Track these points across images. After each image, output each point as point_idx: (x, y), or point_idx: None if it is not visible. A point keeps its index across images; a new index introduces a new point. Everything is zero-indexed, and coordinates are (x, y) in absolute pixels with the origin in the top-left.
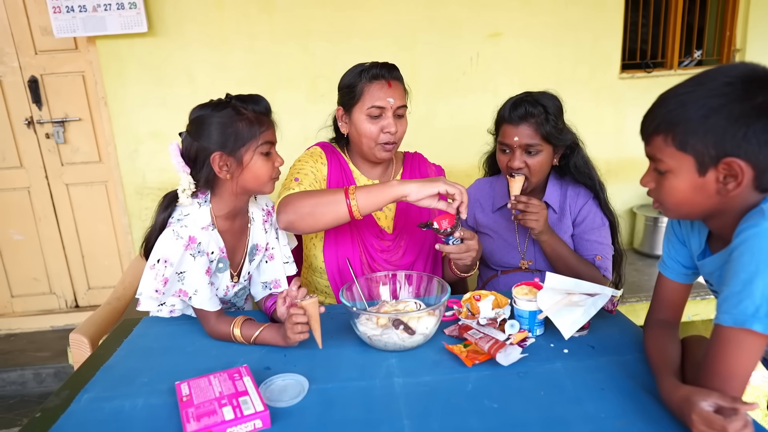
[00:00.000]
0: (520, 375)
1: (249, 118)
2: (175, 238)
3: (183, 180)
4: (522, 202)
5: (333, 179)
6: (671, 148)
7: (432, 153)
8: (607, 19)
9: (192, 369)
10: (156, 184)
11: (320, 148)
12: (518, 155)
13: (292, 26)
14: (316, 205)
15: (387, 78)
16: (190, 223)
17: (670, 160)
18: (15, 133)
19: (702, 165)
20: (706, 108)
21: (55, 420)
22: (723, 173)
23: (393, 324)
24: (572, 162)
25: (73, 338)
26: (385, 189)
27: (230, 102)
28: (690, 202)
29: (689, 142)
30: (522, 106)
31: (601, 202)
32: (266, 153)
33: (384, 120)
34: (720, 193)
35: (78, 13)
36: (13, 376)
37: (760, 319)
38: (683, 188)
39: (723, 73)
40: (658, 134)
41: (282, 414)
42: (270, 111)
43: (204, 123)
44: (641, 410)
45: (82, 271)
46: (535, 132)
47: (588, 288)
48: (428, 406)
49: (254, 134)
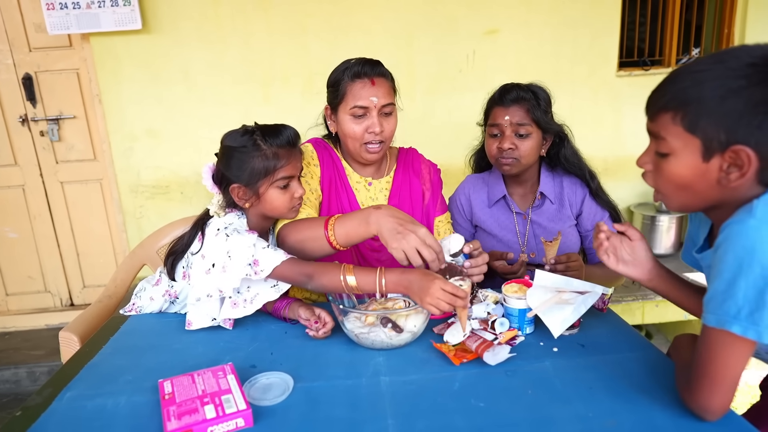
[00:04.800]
0: (509, 374)
1: (266, 154)
2: (225, 237)
3: (214, 199)
4: (562, 263)
5: (326, 178)
6: (679, 127)
7: (429, 151)
8: (605, 16)
9: (177, 367)
10: (151, 182)
11: (312, 145)
12: (508, 135)
13: (288, 23)
14: (303, 242)
15: (370, 75)
16: (232, 227)
17: (675, 141)
18: (9, 131)
19: (708, 150)
20: (725, 89)
21: (35, 418)
22: (728, 161)
23: (381, 322)
24: (562, 153)
25: (62, 336)
26: (362, 225)
27: (254, 133)
28: (689, 188)
29: (700, 124)
30: (513, 91)
31: (592, 191)
32: (284, 186)
33: (368, 120)
34: (720, 182)
35: (72, 10)
36: (7, 375)
37: (741, 321)
38: (683, 173)
39: (747, 52)
40: (667, 111)
41: (265, 413)
42: (293, 142)
43: (226, 154)
44: (630, 409)
45: (77, 270)
46: (526, 114)
47: (579, 286)
48: (414, 405)
49: (269, 170)
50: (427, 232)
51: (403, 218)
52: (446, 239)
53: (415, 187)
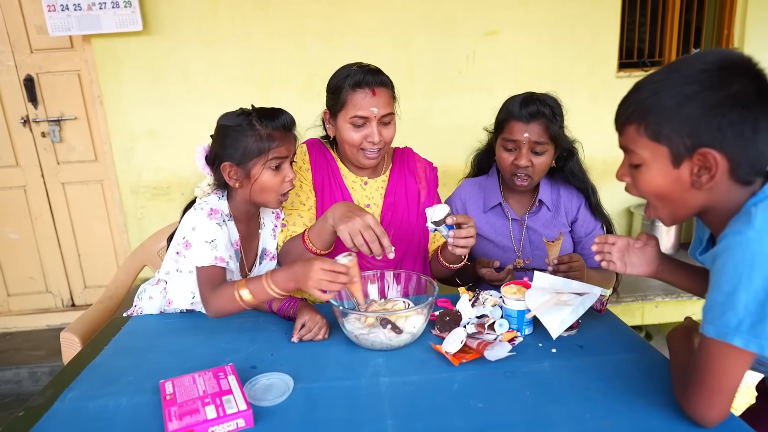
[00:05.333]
0: (507, 375)
1: (260, 135)
2: (194, 210)
3: (204, 181)
4: (564, 263)
5: (319, 178)
6: (644, 138)
7: (428, 152)
8: (605, 17)
9: (178, 367)
10: (152, 183)
11: (306, 146)
12: (525, 153)
13: (287, 24)
14: (292, 248)
15: (372, 85)
16: (211, 203)
17: (644, 152)
18: (11, 132)
19: (677, 156)
20: (680, 96)
21: (38, 419)
22: (697, 165)
23: (380, 323)
24: (568, 166)
25: (64, 337)
26: (322, 222)
27: (249, 114)
28: (667, 197)
29: (663, 132)
30: (533, 104)
31: (592, 206)
32: (276, 167)
33: (367, 129)
34: (695, 185)
35: (73, 12)
36: (9, 375)
37: (742, 333)
38: (657, 182)
39: (699, 59)
40: (631, 123)
41: (265, 413)
42: (289, 126)
43: (221, 132)
44: (627, 410)
45: (79, 270)
46: (544, 131)
47: (577, 287)
48: (413, 405)
49: (263, 150)
50: (373, 218)
51: (353, 207)
52: (431, 207)
53: (410, 186)
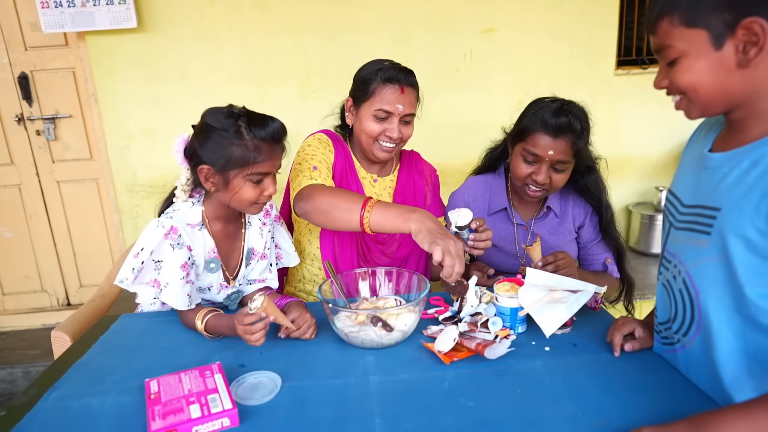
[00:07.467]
0: (499, 373)
1: (247, 145)
2: (155, 227)
3: (182, 175)
4: (550, 263)
5: (338, 169)
6: (679, 28)
7: (426, 150)
8: (603, 14)
9: (166, 366)
10: (147, 182)
11: (326, 135)
12: (545, 170)
13: (285, 22)
14: (333, 207)
15: (402, 83)
16: (177, 217)
17: (680, 43)
18: (5, 130)
19: (718, 36)
20: None
21: (20, 418)
22: (742, 40)
23: (371, 321)
24: (583, 181)
25: (55, 335)
26: (400, 218)
27: (239, 118)
28: (710, 85)
29: (699, 15)
30: (565, 116)
31: (603, 223)
32: (257, 181)
33: (389, 123)
34: (741, 64)
35: (66, 8)
36: (3, 374)
37: None
38: (699, 69)
39: None
40: (663, 18)
41: (252, 412)
42: (278, 137)
43: (204, 131)
44: (620, 408)
45: (74, 269)
46: (570, 148)
47: (571, 284)
48: (402, 404)
49: (247, 162)
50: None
51: (442, 228)
52: (455, 211)
53: (418, 187)
